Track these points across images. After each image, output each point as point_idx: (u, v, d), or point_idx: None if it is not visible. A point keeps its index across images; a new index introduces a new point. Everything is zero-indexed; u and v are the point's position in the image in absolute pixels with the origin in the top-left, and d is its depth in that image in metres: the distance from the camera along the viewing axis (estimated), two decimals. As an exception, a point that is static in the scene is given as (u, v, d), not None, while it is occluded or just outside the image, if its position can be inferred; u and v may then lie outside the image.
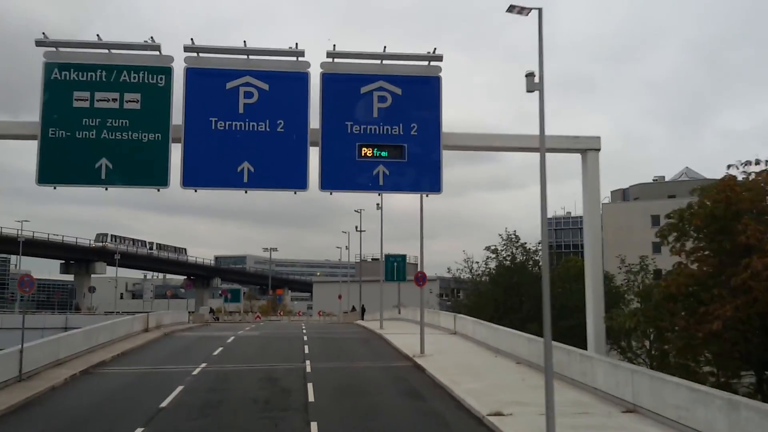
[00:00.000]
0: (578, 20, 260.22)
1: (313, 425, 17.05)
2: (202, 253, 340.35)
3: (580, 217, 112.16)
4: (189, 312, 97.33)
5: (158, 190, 21.89)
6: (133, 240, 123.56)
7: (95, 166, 21.32)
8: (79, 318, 74.07)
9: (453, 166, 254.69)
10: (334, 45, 21.93)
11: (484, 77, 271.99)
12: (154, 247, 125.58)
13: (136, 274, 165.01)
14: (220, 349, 33.07)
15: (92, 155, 21.36)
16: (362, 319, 67.39)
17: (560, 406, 17.49)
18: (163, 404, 19.83)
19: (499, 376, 23.92)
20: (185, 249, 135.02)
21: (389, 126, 21.83)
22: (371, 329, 45.26)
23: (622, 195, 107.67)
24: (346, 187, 22.32)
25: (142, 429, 16.96)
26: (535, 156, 16.56)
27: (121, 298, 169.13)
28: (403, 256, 56.86)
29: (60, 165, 21.40)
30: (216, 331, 46.16)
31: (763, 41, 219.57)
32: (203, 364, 27.55)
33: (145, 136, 21.45)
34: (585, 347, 23.57)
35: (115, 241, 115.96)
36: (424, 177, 22.06)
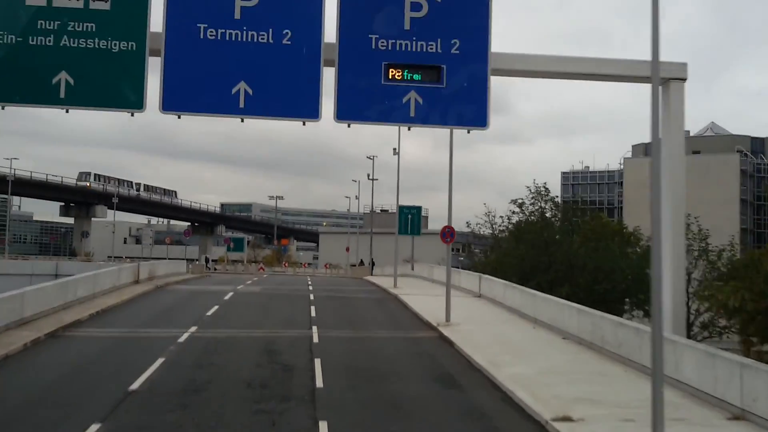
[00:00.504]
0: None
1: (323, 427, 12.80)
2: (208, 199, 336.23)
3: (600, 171, 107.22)
4: (191, 260, 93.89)
5: (132, 115, 17.19)
6: (118, 180, 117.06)
7: (52, 81, 16.69)
8: (72, 264, 70.09)
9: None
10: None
11: (498, 26, 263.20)
12: (141, 188, 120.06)
13: (140, 219, 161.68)
14: (215, 308, 28.86)
15: (49, 68, 16.70)
16: (371, 274, 63.25)
17: (640, 406, 13.24)
18: (134, 386, 15.55)
19: (547, 357, 19.55)
20: (175, 192, 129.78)
21: (424, 41, 17.09)
22: (384, 288, 41.01)
23: (644, 150, 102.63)
24: (368, 117, 17.65)
25: (99, 426, 12.70)
26: (547, 108, 11.87)
27: (125, 243, 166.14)
28: (419, 208, 52.42)
29: (8, 79, 16.80)
30: (214, 285, 42.02)
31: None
32: (193, 328, 23.27)
33: (115, 45, 16.75)
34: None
35: (99, 180, 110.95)
36: (467, 107, 17.40)
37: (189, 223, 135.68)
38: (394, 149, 61.70)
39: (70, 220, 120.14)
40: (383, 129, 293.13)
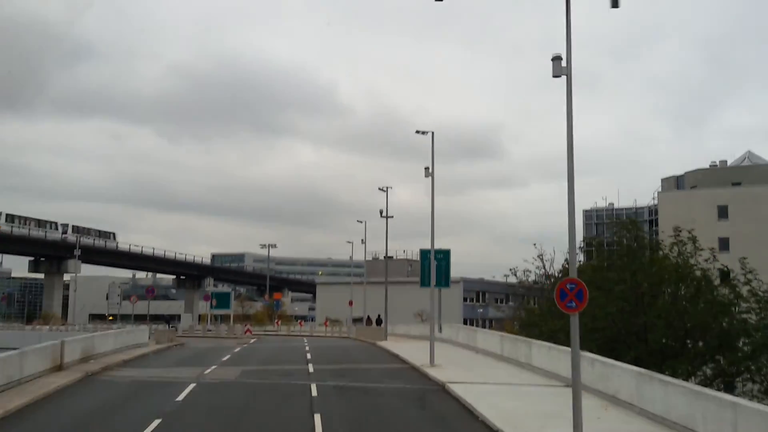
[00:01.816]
0: (580, 16, 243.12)
1: None
2: (201, 251, 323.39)
3: (626, 208, 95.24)
4: (170, 318, 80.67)
5: None
6: (38, 220, 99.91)
7: None
8: (21, 335, 57.37)
9: (454, 163, 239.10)
10: None
11: (486, 72, 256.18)
12: (70, 230, 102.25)
13: (124, 273, 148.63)
14: (153, 425, 16.46)
15: None
16: (385, 338, 50.85)
17: None
18: None
19: None
20: (113, 234, 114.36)
21: None
22: (417, 366, 28.43)
23: (676, 183, 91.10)
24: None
25: None
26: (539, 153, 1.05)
27: (107, 299, 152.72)
28: (446, 252, 40.30)
29: None
30: (175, 366, 29.43)
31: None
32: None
33: None
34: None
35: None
36: None
37: (174, 277, 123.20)
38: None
39: (42, 276, 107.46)
40: (376, 174, 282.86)
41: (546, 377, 23.31)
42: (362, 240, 58.51)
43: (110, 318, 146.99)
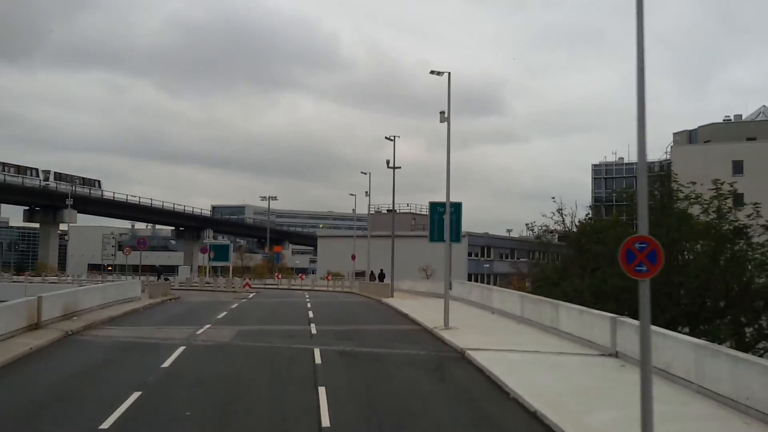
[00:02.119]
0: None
1: None
2: (201, 203, 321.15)
3: (636, 163, 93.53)
4: (169, 270, 78.37)
5: None
6: (17, 167, 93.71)
7: None
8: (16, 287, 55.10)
9: (456, 118, 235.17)
10: None
11: (491, 26, 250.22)
12: (52, 177, 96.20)
13: (124, 224, 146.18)
14: (131, 399, 13.91)
15: None
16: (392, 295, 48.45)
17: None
18: None
19: None
20: (98, 181, 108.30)
21: None
22: (429, 329, 25.94)
23: (689, 137, 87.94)
24: None
25: None
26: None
27: (103, 249, 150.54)
28: (458, 205, 37.52)
29: None
30: (166, 326, 26.92)
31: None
32: None
33: None
34: None
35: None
36: None
37: (173, 228, 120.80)
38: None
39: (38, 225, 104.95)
40: (377, 128, 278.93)
41: (577, 344, 20.74)
42: (366, 192, 55.78)
43: (109, 268, 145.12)
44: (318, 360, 18.67)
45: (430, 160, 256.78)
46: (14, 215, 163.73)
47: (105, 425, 12.15)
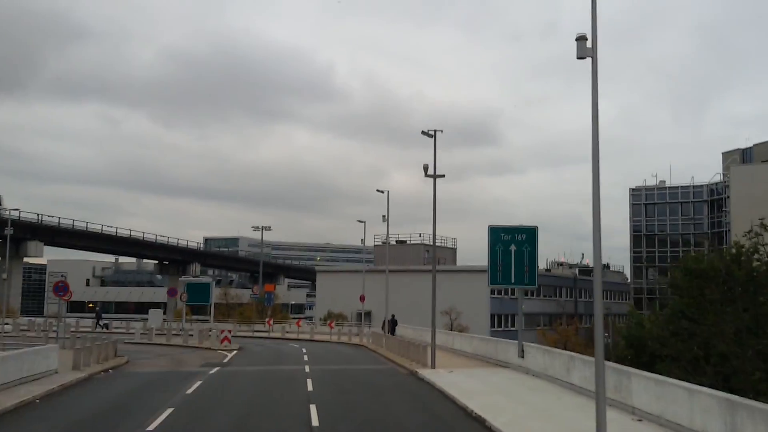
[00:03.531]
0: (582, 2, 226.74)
1: None
2: (195, 236, 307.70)
3: (682, 186, 79.82)
4: (96, 321, 62.86)
5: None
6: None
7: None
8: None
9: (452, 150, 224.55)
10: None
11: (485, 58, 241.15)
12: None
13: (106, 258, 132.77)
14: None
15: None
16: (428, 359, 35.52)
17: None
18: None
19: None
20: None
21: None
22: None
23: (741, 156, 75.71)
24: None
25: None
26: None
27: (87, 285, 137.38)
28: (533, 232, 24.89)
29: None
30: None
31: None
32: None
33: None
34: None
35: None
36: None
37: (156, 262, 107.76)
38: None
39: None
40: (372, 159, 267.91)
41: None
42: (383, 216, 42.51)
43: (90, 305, 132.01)
44: None
45: (427, 191, 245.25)
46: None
47: None
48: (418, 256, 75.80)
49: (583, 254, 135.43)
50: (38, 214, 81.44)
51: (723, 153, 77.31)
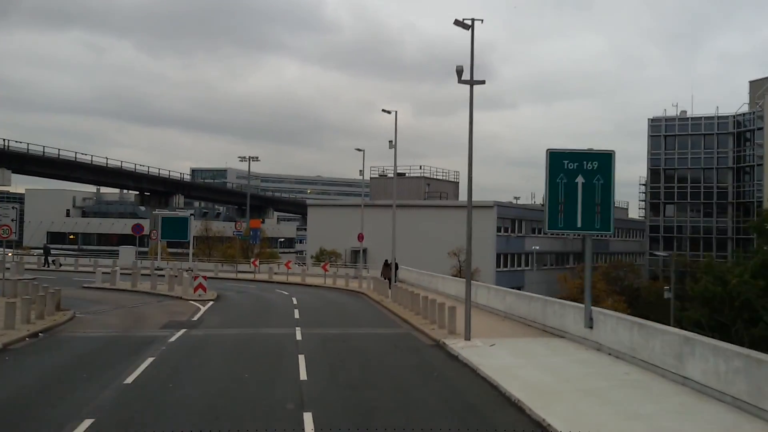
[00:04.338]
0: None
1: None
2: (183, 166, 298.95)
3: (706, 117, 71.46)
4: (44, 258, 54.93)
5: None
6: None
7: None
8: None
9: (444, 84, 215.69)
10: None
11: None
12: None
13: (87, 188, 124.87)
14: None
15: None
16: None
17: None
18: None
19: None
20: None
21: None
22: None
23: (774, 86, 68.36)
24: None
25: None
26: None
27: (68, 215, 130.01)
28: (608, 158, 18.03)
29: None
30: None
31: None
32: None
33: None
34: None
35: None
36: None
37: (137, 193, 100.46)
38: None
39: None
40: (364, 93, 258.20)
41: None
42: (391, 142, 35.26)
43: (71, 237, 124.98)
44: None
45: (418, 126, 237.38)
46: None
47: None
48: (419, 190, 68.94)
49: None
50: (4, 140, 73.59)
51: (750, 82, 70.03)
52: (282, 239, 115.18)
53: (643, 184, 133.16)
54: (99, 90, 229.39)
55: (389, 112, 32.22)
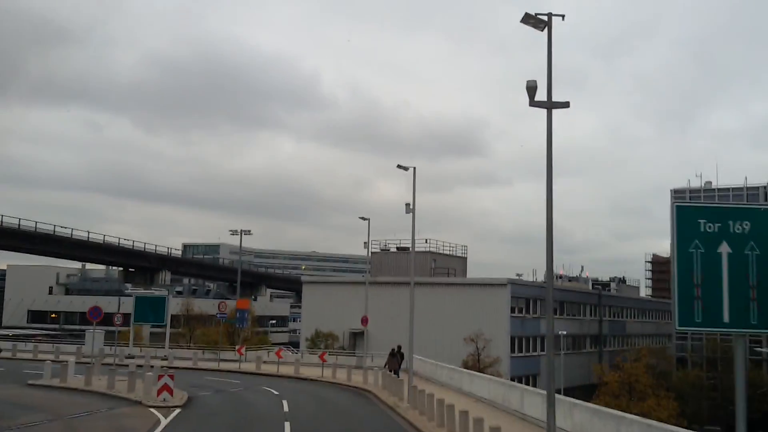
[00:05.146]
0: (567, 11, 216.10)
1: None
2: (174, 242, 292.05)
3: (734, 187, 64.06)
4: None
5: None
6: None
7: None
8: None
9: (439, 160, 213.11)
10: None
11: (472, 68, 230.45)
12: None
13: (71, 264, 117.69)
14: None
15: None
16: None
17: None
18: None
19: None
20: None
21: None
22: None
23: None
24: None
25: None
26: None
27: (50, 293, 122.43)
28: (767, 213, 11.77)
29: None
30: None
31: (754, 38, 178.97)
32: None
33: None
34: None
35: None
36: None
37: (120, 269, 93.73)
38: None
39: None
40: (358, 169, 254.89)
41: None
42: (408, 205, 28.92)
43: (53, 316, 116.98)
44: None
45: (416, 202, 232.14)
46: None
47: None
48: (425, 266, 62.39)
49: (582, 267, 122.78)
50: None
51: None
52: (274, 321, 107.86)
53: (650, 261, 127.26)
54: (96, 166, 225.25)
55: (406, 169, 26.17)
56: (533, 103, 12.81)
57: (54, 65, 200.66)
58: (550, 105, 12.87)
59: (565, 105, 12.92)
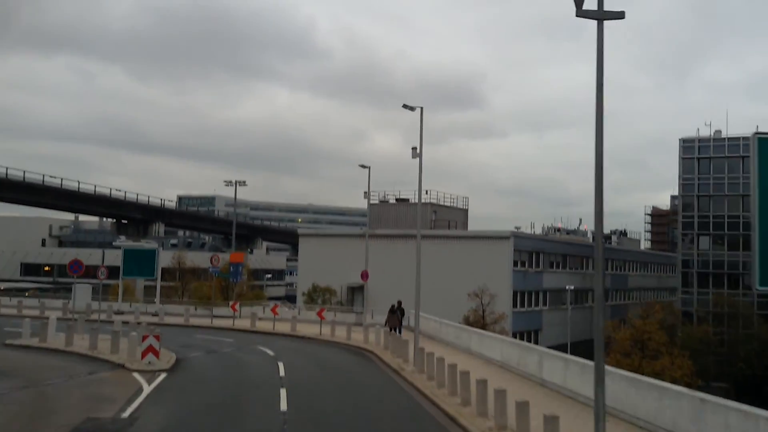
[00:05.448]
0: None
1: None
2: (171, 195, 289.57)
3: (742, 137, 62.11)
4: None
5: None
6: None
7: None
8: None
9: (436, 111, 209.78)
10: None
11: (468, 17, 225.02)
12: None
13: (64, 215, 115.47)
14: None
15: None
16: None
17: None
18: None
19: None
20: None
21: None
22: None
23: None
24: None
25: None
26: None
27: (43, 245, 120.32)
28: None
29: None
30: None
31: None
32: None
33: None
34: None
35: None
36: None
37: (113, 220, 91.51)
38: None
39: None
40: (354, 120, 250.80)
41: None
42: (415, 149, 26.43)
43: (46, 269, 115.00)
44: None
45: (408, 154, 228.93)
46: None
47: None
48: (425, 218, 60.21)
49: (581, 219, 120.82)
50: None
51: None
52: (270, 274, 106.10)
53: (649, 214, 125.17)
54: (89, 116, 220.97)
55: (412, 109, 23.89)
56: (580, 12, 10.40)
57: (44, 14, 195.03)
58: (601, 15, 10.45)
59: (620, 15, 10.52)
